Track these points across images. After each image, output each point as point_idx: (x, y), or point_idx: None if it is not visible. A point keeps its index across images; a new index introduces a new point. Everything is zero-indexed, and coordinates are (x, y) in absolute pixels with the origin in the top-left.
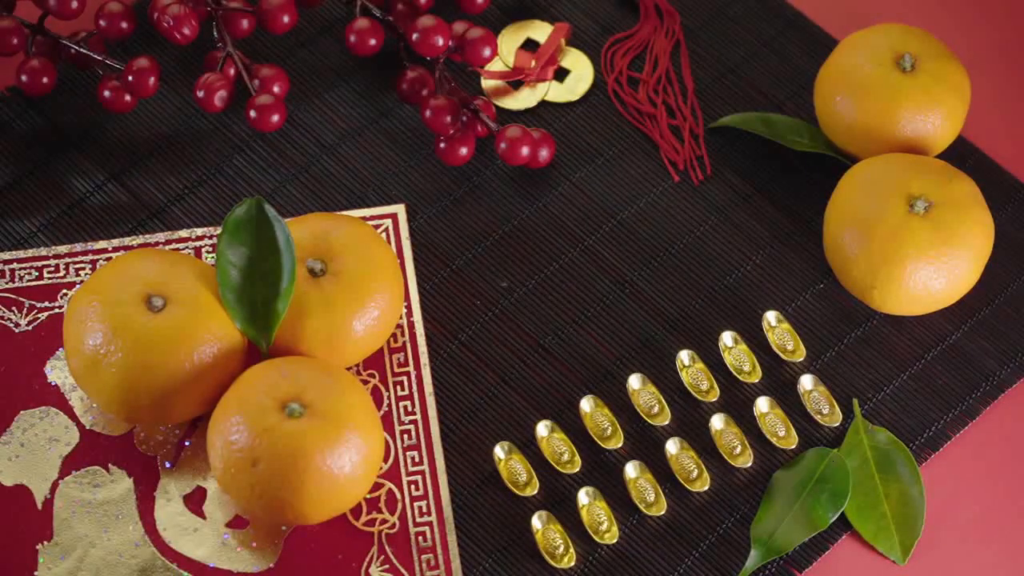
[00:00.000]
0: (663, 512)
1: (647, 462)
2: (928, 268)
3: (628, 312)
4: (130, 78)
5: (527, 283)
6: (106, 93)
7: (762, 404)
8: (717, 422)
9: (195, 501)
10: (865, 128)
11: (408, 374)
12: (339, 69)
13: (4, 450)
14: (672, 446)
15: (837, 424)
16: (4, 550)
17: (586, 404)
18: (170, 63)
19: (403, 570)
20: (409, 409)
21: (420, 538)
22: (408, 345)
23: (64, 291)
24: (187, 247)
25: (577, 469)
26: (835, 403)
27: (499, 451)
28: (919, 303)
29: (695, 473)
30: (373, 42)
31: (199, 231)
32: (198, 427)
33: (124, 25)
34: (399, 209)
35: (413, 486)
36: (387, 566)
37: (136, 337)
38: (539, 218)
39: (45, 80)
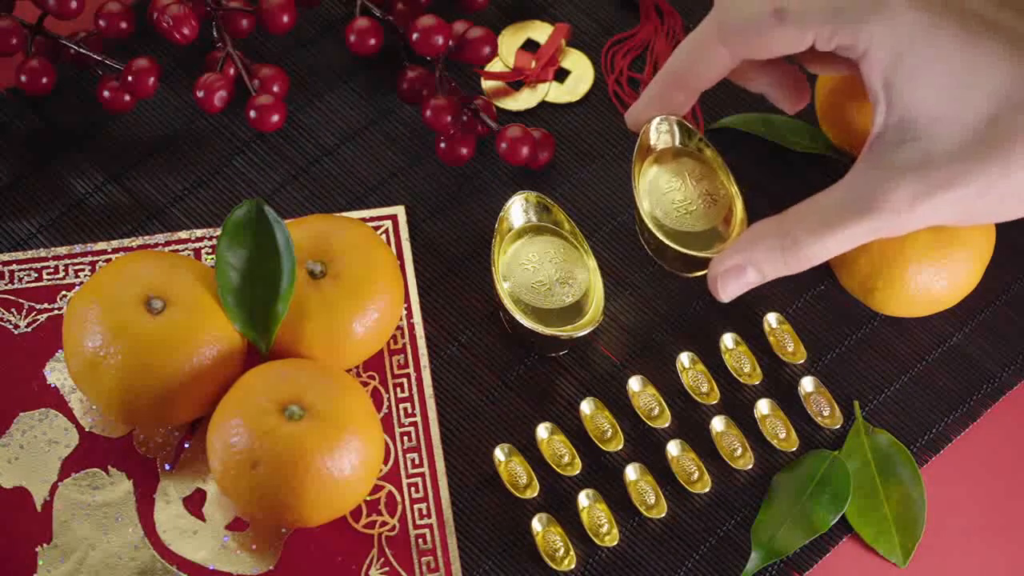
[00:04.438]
0: (663, 514)
1: (647, 464)
2: (929, 270)
3: (628, 314)
4: (130, 78)
5: None
6: (106, 93)
7: (763, 406)
8: (718, 424)
9: (195, 503)
10: (866, 129)
11: (408, 376)
12: (339, 69)
13: (3, 452)
14: (673, 448)
15: (838, 426)
16: (3, 552)
17: (586, 406)
18: (170, 63)
19: (403, 572)
20: (409, 411)
21: (420, 540)
22: (408, 347)
23: (63, 293)
24: (187, 248)
25: (577, 471)
26: (836, 405)
27: (499, 453)
28: (920, 305)
29: (696, 475)
30: (373, 42)
31: (199, 232)
32: (198, 429)
33: (124, 25)
34: (399, 210)
35: (413, 488)
36: (387, 568)
37: (136, 339)
38: None
39: (44, 80)
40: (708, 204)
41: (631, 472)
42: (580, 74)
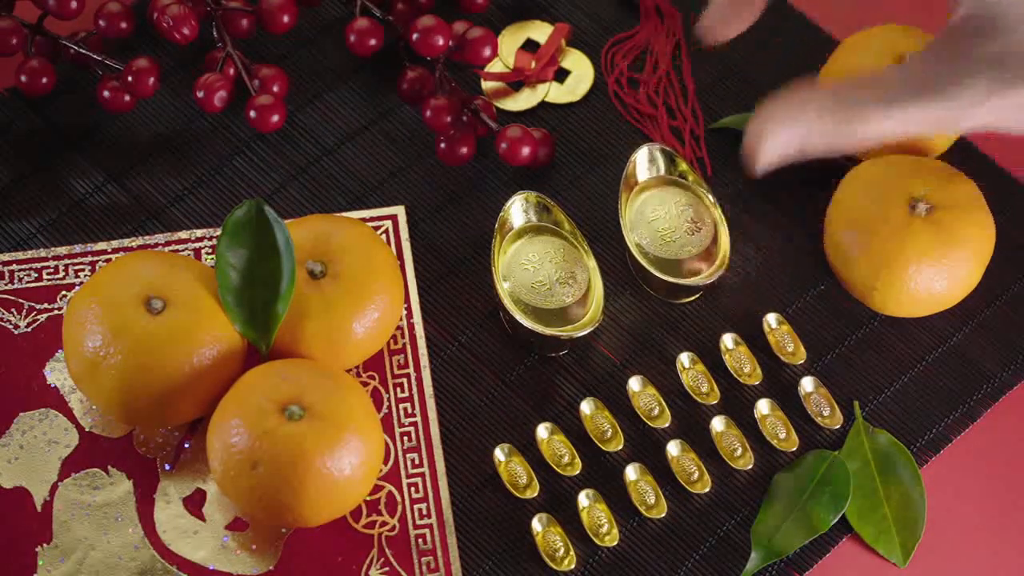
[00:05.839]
0: (663, 514)
1: (647, 464)
2: (929, 270)
3: (628, 314)
4: (129, 78)
5: None
6: (105, 93)
7: (763, 406)
8: (718, 424)
9: (195, 503)
10: None
11: (408, 376)
12: (339, 69)
13: (3, 452)
14: (673, 448)
15: (838, 426)
16: (3, 552)
17: (586, 406)
18: (170, 63)
19: (403, 572)
20: (409, 411)
21: (420, 540)
22: (408, 347)
23: (63, 293)
24: (187, 248)
25: (577, 471)
26: (836, 405)
27: (499, 453)
28: (920, 305)
29: (695, 475)
30: (373, 42)
31: (199, 232)
32: (198, 429)
33: (124, 25)
34: (399, 210)
35: (413, 488)
36: (387, 568)
37: (135, 339)
38: None
39: (44, 80)
40: (692, 231)
41: (631, 472)
42: (580, 74)
